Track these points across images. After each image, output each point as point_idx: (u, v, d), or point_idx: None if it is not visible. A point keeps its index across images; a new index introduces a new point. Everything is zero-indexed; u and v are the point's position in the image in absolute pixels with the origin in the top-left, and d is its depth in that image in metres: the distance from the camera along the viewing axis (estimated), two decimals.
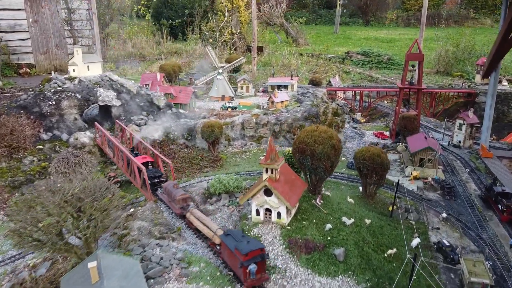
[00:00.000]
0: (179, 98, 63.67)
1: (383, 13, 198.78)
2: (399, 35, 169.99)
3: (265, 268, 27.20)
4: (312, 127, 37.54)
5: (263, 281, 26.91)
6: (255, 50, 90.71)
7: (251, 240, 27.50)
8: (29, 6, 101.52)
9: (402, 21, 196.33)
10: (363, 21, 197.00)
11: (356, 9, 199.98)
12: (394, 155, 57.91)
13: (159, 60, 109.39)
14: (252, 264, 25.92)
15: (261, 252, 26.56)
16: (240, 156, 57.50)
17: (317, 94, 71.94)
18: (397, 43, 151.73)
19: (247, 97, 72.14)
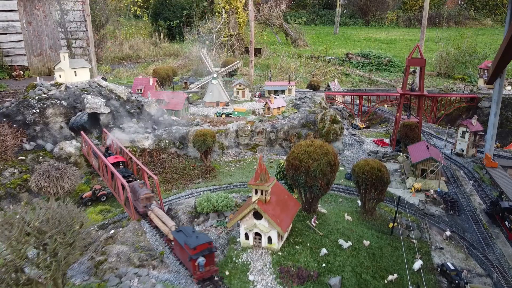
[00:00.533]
0: (171, 104, 60.75)
1: (383, 13, 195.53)
2: (400, 35, 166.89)
3: (213, 261, 27.75)
4: (306, 142, 34.56)
5: (212, 273, 27.41)
6: (252, 53, 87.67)
7: (200, 234, 28.17)
8: (23, 8, 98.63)
9: (403, 21, 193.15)
10: (363, 21, 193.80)
11: (356, 9, 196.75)
12: (394, 164, 54.96)
13: (156, 62, 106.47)
14: (201, 257, 26.62)
15: (209, 246, 27.27)
16: (234, 165, 54.59)
17: (315, 99, 68.95)
18: (398, 44, 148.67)
19: (243, 102, 69.23)
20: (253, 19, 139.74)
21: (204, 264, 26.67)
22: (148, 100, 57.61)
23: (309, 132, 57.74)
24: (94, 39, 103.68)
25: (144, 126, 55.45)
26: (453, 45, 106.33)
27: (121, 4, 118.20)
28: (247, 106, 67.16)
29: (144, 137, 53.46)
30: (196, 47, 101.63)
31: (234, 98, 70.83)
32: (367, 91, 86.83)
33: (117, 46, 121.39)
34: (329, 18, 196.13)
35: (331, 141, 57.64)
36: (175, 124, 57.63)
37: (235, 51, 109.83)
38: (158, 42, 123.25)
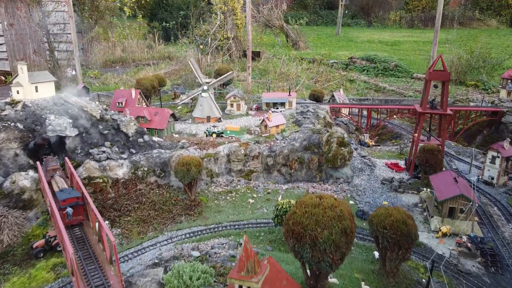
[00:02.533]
0: (153, 122, 50.55)
1: (386, 14, 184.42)
2: (403, 37, 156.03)
3: (81, 213, 32.80)
4: (313, 199, 24.40)
5: (78, 221, 32.59)
6: (250, 59, 77.30)
7: (72, 191, 33.60)
8: (4, 8, 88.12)
9: (405, 22, 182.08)
10: (365, 22, 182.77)
11: (358, 10, 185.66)
12: (413, 196, 44.76)
13: (148, 66, 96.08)
14: (69, 208, 31.73)
15: (76, 200, 32.46)
16: (224, 197, 44.45)
17: (318, 114, 58.66)
18: (402, 46, 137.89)
19: (238, 116, 58.95)
20: (252, 20, 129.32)
21: (72, 213, 31.86)
22: (126, 119, 47.39)
23: (312, 156, 47.51)
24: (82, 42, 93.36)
25: (119, 150, 45.26)
26: (464, 49, 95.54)
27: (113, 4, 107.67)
28: (242, 122, 56.89)
29: (118, 165, 43.34)
30: (191, 50, 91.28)
31: (228, 112, 60.57)
32: (376, 102, 76.41)
33: (110, 49, 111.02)
34: (330, 18, 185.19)
35: (339, 167, 47.40)
36: (157, 146, 47.43)
37: (232, 55, 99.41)
38: (153, 44, 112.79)
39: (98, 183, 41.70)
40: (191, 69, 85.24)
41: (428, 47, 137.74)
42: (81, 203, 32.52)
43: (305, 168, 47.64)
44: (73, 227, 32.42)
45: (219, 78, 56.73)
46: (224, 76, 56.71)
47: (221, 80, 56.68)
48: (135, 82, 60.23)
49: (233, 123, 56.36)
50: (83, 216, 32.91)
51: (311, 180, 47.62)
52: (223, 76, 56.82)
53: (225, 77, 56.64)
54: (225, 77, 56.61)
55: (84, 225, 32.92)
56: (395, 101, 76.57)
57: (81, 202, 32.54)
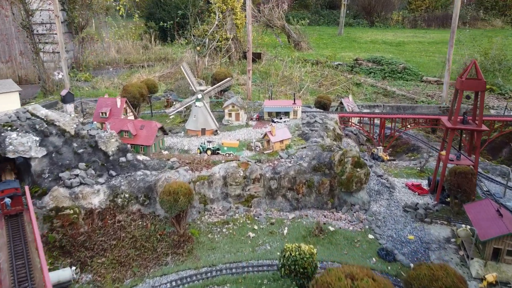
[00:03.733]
0: (139, 137, 42.36)
1: (388, 14, 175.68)
2: (407, 37, 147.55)
3: (21, 203, 31.83)
4: (338, 273, 16.36)
5: (17, 211, 31.54)
6: (250, 61, 69.07)
7: (12, 182, 33.12)
8: None
9: (408, 22, 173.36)
10: (368, 22, 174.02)
11: (361, 9, 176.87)
12: (443, 228, 36.69)
13: (142, 68, 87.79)
14: (7, 198, 31.12)
15: (15, 191, 31.73)
16: (220, 229, 36.38)
17: (327, 125, 50.50)
18: (407, 47, 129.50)
19: (237, 128, 50.73)
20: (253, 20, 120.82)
21: (11, 204, 31.19)
22: (106, 135, 39.23)
23: (323, 179, 39.36)
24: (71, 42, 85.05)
25: (96, 173, 37.14)
26: (478, 51, 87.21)
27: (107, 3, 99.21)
28: (242, 134, 48.66)
29: (93, 191, 35.23)
30: (188, 52, 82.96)
31: (226, 122, 52.34)
32: (387, 109, 68.07)
33: (104, 50, 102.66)
34: (332, 18, 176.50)
35: (354, 191, 39.26)
36: (142, 167, 39.30)
37: (232, 56, 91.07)
38: (149, 45, 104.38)
39: (68, 215, 33.63)
40: None
41: (434, 48, 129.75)
42: (19, 194, 31.89)
43: (315, 192, 39.49)
44: (12, 217, 31.43)
45: (215, 85, 48.43)
46: (221, 83, 48.42)
47: (218, 88, 48.38)
48: (122, 89, 51.88)
49: (231, 136, 48.12)
50: (22, 207, 31.96)
51: (321, 207, 39.49)
52: (220, 83, 48.52)
53: (222, 84, 48.35)
54: (222, 84, 48.33)
55: (24, 216, 31.84)
56: (408, 108, 68.33)
57: (19, 193, 31.92)
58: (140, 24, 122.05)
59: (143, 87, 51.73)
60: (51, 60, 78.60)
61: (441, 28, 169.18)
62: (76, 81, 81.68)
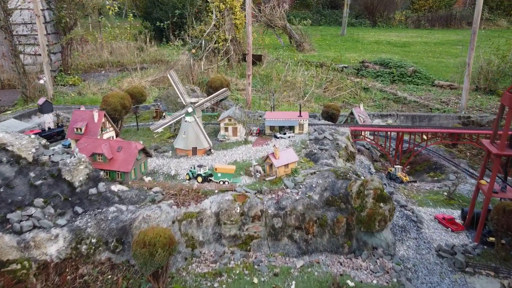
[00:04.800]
0: (115, 161, 33.92)
1: (391, 13, 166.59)
2: (411, 38, 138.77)
3: None
4: None
5: None
6: (250, 64, 60.51)
7: None
8: None
9: (412, 22, 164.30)
10: (370, 22, 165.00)
11: (363, 9, 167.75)
12: (490, 281, 28.29)
13: (135, 71, 79.19)
14: None
15: None
16: (210, 283, 27.96)
17: (338, 142, 42.08)
18: (413, 48, 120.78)
19: (234, 145, 42.19)
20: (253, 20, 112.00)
21: None
22: (72, 161, 30.82)
23: (338, 216, 30.94)
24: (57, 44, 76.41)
25: (56, 211, 28.75)
26: (497, 54, 78.45)
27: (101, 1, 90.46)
28: (239, 154, 40.18)
29: (50, 237, 26.86)
30: (184, 54, 74.29)
31: (222, 138, 43.80)
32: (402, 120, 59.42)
33: (96, 51, 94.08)
34: (334, 18, 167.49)
35: (376, 231, 30.81)
36: (116, 200, 30.92)
37: (231, 59, 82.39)
38: (144, 46, 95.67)
39: (14, 271, 25.26)
40: (182, 76, 68.55)
41: (440, 49, 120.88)
42: None
43: (328, 232, 31.06)
44: None
45: (208, 97, 39.84)
46: (215, 95, 39.83)
47: (211, 99, 39.78)
48: (102, 101, 43.22)
49: (227, 156, 39.59)
50: None
51: (336, 251, 31.07)
52: (213, 95, 39.92)
53: (216, 96, 39.75)
54: (216, 96, 39.72)
55: None
56: (424, 117, 59.70)
57: None
58: (136, 24, 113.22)
59: (126, 98, 43.09)
60: (32, 63, 70.03)
61: (445, 28, 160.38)
62: (63, 85, 73.22)
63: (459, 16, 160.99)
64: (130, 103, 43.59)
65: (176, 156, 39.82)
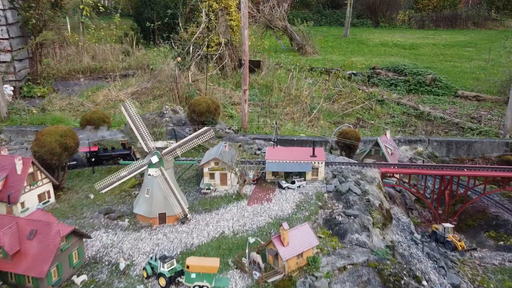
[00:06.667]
0: (24, 259, 19.76)
1: (394, 13, 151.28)
2: (418, 39, 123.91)
3: None
4: None
5: None
6: (246, 78, 45.95)
7: None
8: None
9: (415, 22, 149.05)
10: (372, 22, 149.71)
11: (365, 9, 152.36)
12: None
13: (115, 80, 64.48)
14: None
15: None
16: None
17: (369, 197, 27.80)
18: (421, 51, 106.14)
19: (222, 202, 27.86)
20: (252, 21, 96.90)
21: None
22: None
23: None
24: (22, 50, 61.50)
25: None
26: None
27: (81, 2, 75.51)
28: (229, 220, 25.86)
29: None
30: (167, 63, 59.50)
31: (206, 188, 29.35)
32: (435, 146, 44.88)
33: (78, 55, 79.17)
34: (334, 18, 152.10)
35: None
36: None
37: (226, 66, 67.69)
38: (130, 50, 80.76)
39: None
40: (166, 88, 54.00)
41: (451, 52, 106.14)
42: None
43: None
44: None
45: (183, 140, 25.14)
46: (192, 137, 25.15)
47: (187, 145, 25.14)
48: (33, 143, 28.56)
49: (210, 226, 25.21)
50: None
51: None
52: (190, 137, 25.20)
53: (194, 138, 25.11)
54: (195, 139, 25.09)
55: None
56: (462, 144, 45.13)
57: None
58: (123, 25, 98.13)
59: (69, 135, 28.46)
60: None
61: (450, 28, 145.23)
62: (30, 97, 58.66)
63: (465, 16, 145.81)
64: (75, 141, 28.96)
65: (135, 226, 25.42)
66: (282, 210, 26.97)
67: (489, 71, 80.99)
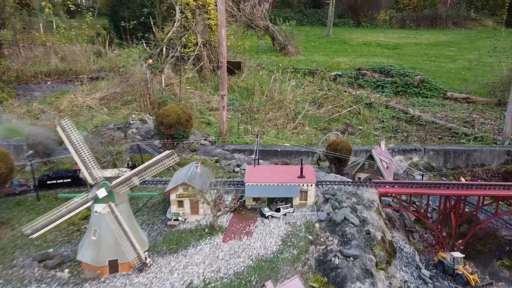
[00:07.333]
0: None
1: (375, 13, 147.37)
2: (400, 39, 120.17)
3: None
4: None
5: None
6: (224, 83, 40.31)
7: None
8: None
9: (396, 21, 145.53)
10: (354, 22, 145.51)
11: (346, 8, 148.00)
12: None
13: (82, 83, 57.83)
14: None
15: None
16: None
17: (369, 229, 22.48)
18: (405, 50, 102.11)
19: (192, 238, 22.28)
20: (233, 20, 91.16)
21: None
22: None
23: None
24: None
25: None
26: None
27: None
28: (199, 265, 20.31)
29: None
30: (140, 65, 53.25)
31: (173, 219, 23.64)
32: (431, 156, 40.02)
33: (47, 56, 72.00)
34: (316, 18, 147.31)
35: None
36: None
37: (204, 67, 61.77)
38: (102, 50, 73.92)
39: None
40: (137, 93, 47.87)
41: (434, 51, 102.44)
42: None
43: None
44: None
45: (138, 168, 19.28)
46: (150, 163, 19.33)
47: (144, 173, 19.31)
48: None
49: (176, 273, 19.55)
50: None
51: None
52: (148, 163, 19.37)
53: (154, 165, 19.28)
54: (154, 165, 19.27)
55: None
56: (461, 153, 40.46)
57: None
58: (95, 25, 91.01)
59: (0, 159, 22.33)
60: None
61: (431, 28, 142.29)
62: None
63: (445, 16, 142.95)
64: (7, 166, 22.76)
65: (78, 278, 19.52)
66: (265, 248, 21.49)
67: (475, 71, 77.37)
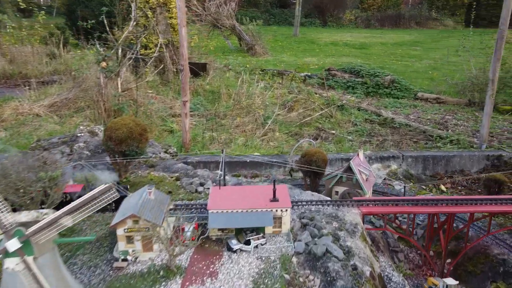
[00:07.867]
0: None
1: (341, 13, 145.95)
2: (366, 38, 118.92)
3: None
4: None
5: None
6: (186, 87, 35.69)
7: None
8: None
9: (361, 21, 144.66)
10: (320, 21, 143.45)
11: (313, 8, 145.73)
12: None
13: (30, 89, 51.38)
14: None
15: None
16: None
17: (356, 263, 18.64)
18: (372, 50, 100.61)
19: (142, 284, 17.72)
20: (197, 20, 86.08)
21: None
22: None
23: None
24: None
25: None
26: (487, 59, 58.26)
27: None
28: None
29: None
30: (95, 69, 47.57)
31: (121, 260, 19.00)
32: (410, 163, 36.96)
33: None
34: (283, 17, 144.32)
35: None
36: None
37: (166, 70, 56.70)
38: (56, 52, 67.10)
39: None
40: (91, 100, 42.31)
41: (400, 51, 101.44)
42: None
43: None
44: None
45: (68, 207, 14.52)
46: (84, 201, 14.69)
47: (77, 213, 14.64)
48: None
49: None
50: None
51: None
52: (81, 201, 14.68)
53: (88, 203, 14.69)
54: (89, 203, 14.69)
55: None
56: (440, 159, 37.63)
57: None
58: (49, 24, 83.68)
59: None
60: None
61: (395, 28, 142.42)
62: None
63: (408, 16, 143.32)
64: None
65: None
66: None
67: (442, 71, 76.30)
